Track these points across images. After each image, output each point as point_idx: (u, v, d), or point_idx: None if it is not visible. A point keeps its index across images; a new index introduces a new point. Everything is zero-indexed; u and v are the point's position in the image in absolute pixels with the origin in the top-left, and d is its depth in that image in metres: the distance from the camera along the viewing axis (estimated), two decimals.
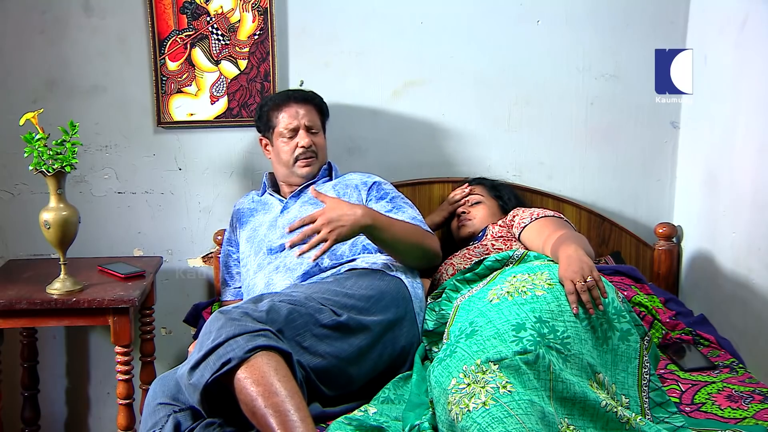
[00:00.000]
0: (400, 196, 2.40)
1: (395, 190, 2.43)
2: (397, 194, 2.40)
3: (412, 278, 2.21)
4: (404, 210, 2.32)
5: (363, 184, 2.40)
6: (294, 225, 2.02)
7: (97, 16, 2.66)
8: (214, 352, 1.67)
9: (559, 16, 2.72)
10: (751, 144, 2.38)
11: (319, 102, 2.49)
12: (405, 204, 2.36)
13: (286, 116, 2.42)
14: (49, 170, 2.21)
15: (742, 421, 1.83)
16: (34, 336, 2.70)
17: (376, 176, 2.47)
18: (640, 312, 2.29)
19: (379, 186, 2.40)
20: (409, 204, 2.38)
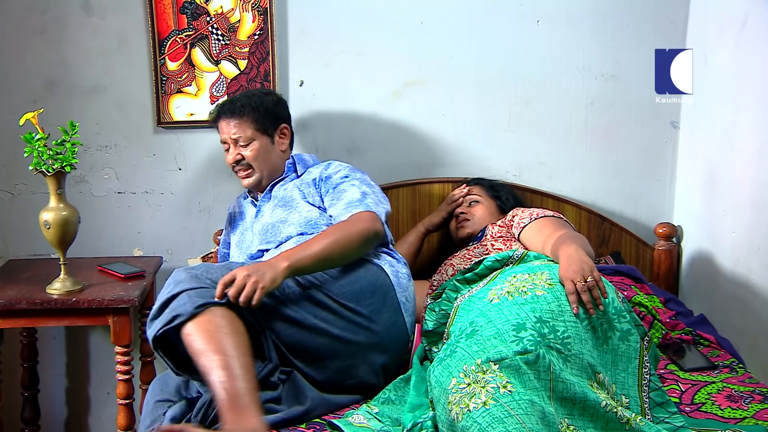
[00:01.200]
0: (348, 177, 2.27)
1: (345, 169, 2.31)
2: (342, 177, 2.27)
3: (396, 265, 2.17)
4: (344, 194, 2.20)
5: (316, 181, 2.31)
6: (218, 293, 1.79)
7: (97, 16, 2.66)
8: (168, 306, 1.73)
9: (559, 16, 2.72)
10: (751, 144, 2.38)
11: (251, 111, 2.31)
12: (350, 186, 2.23)
13: (219, 130, 2.36)
14: (49, 170, 2.21)
15: (742, 421, 1.84)
16: (34, 336, 2.70)
17: (333, 163, 2.37)
18: (640, 312, 2.29)
19: (327, 178, 2.29)
20: (358, 181, 2.25)
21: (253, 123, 2.32)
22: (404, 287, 2.16)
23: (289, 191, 2.30)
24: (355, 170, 2.33)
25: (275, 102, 2.37)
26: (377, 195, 2.23)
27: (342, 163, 2.38)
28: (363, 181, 2.26)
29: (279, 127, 2.37)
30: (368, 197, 2.18)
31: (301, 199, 2.27)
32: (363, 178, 2.30)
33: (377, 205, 2.17)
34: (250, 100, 2.32)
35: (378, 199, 2.21)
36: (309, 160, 2.44)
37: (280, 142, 2.36)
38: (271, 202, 2.33)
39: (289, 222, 2.22)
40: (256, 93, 2.37)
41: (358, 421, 1.75)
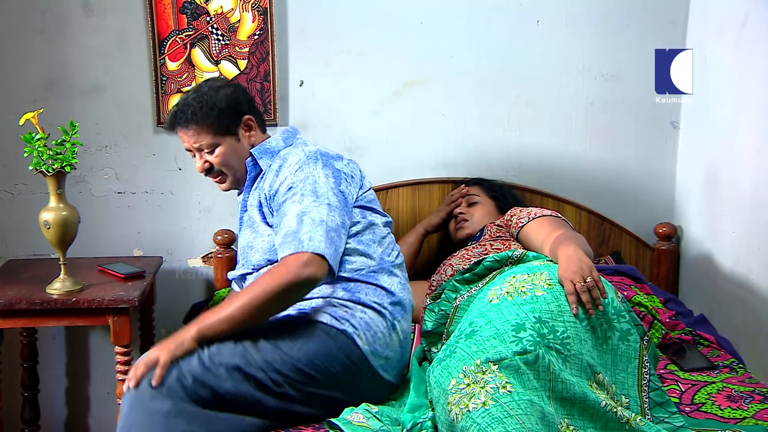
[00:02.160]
0: (291, 189, 1.94)
1: (292, 175, 1.96)
2: (286, 190, 1.94)
3: (366, 325, 1.89)
4: (282, 221, 1.90)
5: (267, 196, 2.02)
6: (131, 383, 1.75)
7: (97, 16, 2.66)
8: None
9: (559, 16, 2.72)
10: (751, 144, 2.38)
11: (203, 117, 2.02)
12: (290, 206, 1.91)
13: (180, 138, 2.11)
14: (49, 170, 2.21)
15: (741, 421, 1.84)
16: (34, 336, 2.70)
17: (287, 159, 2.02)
18: (640, 312, 2.29)
19: (275, 195, 1.98)
20: (300, 194, 1.91)
21: (210, 128, 2.03)
22: (384, 344, 1.91)
23: (252, 208, 2.07)
24: (308, 164, 1.97)
25: (229, 96, 2.05)
26: (321, 210, 1.87)
27: (300, 153, 2.03)
28: (306, 193, 1.91)
29: (241, 122, 2.07)
30: (303, 225, 1.84)
31: (261, 221, 2.03)
32: (311, 182, 1.93)
33: (312, 237, 1.82)
34: (201, 103, 2.02)
35: (317, 223, 1.85)
36: (275, 144, 2.10)
37: (247, 135, 2.08)
38: (246, 216, 2.12)
39: (255, 248, 2.03)
40: (205, 90, 2.05)
41: (357, 420, 1.75)
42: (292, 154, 2.03)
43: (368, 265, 1.96)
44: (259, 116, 2.13)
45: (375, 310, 1.92)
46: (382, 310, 1.93)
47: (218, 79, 2.21)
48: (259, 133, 2.11)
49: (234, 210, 2.78)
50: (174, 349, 1.76)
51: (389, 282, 1.98)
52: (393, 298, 1.96)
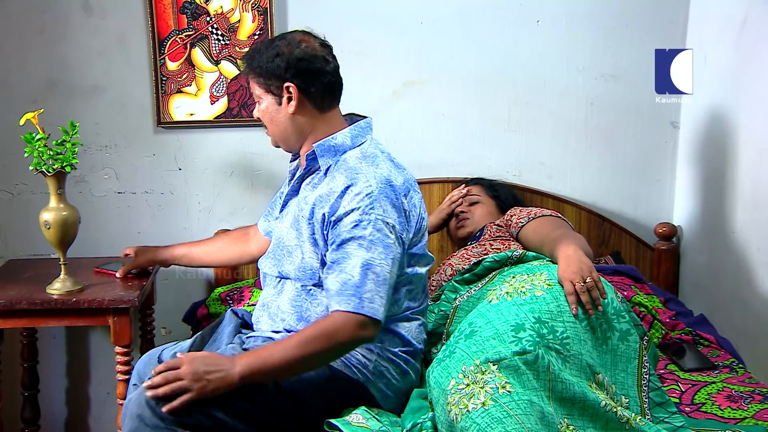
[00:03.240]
0: (357, 227, 1.77)
1: (358, 211, 1.78)
2: (352, 227, 1.77)
3: (380, 374, 1.86)
4: (343, 264, 1.77)
5: (326, 217, 1.83)
6: (158, 368, 1.72)
7: (97, 16, 2.66)
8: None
9: (559, 16, 2.72)
10: (751, 144, 2.38)
11: (249, 70, 1.91)
12: (355, 250, 1.76)
13: None
14: (49, 170, 2.21)
15: (742, 421, 1.84)
16: (34, 336, 2.70)
17: (351, 188, 1.80)
18: (640, 312, 2.29)
19: (337, 222, 1.80)
20: (367, 239, 1.76)
21: (256, 81, 1.91)
22: (395, 390, 1.89)
23: (301, 210, 1.89)
24: (380, 200, 1.79)
25: (274, 56, 1.85)
26: (385, 265, 1.76)
27: (370, 175, 1.82)
28: (375, 240, 1.76)
29: (283, 87, 1.86)
30: (368, 281, 1.73)
31: (308, 236, 1.87)
32: (380, 227, 1.77)
33: (373, 298, 1.73)
34: (252, 55, 1.90)
35: (381, 281, 1.74)
36: (341, 141, 1.88)
37: (288, 105, 1.87)
38: (295, 205, 1.94)
39: (292, 258, 1.90)
40: (261, 45, 1.91)
41: (356, 420, 1.75)
42: (362, 174, 1.82)
43: (392, 312, 1.87)
44: (308, 92, 1.87)
45: (390, 361, 1.88)
46: (395, 359, 1.88)
47: (279, 37, 1.92)
48: (310, 108, 1.88)
49: (234, 210, 2.79)
50: (209, 385, 1.68)
51: (407, 327, 1.91)
52: (409, 348, 1.91)
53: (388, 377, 1.87)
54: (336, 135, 1.88)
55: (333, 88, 1.92)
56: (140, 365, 2.02)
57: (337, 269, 1.77)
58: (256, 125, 2.72)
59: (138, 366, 2.03)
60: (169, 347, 2.01)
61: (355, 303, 1.73)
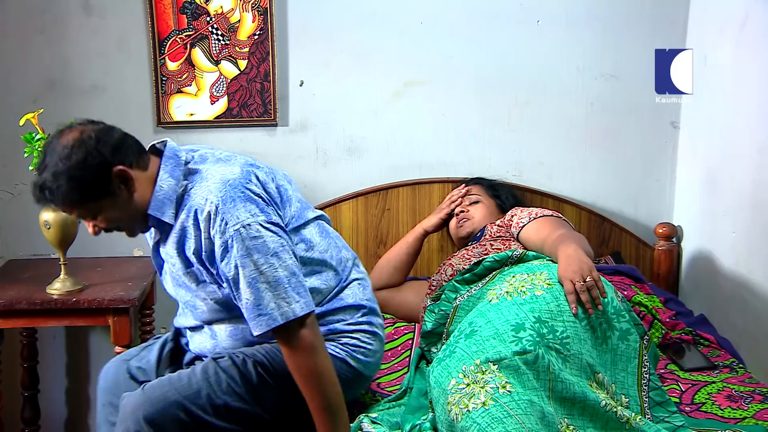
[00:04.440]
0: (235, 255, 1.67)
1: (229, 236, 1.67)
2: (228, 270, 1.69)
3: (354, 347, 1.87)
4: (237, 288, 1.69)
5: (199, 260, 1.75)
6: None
7: (97, 16, 2.66)
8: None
9: (559, 16, 2.72)
10: (751, 144, 2.38)
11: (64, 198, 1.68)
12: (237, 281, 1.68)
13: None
14: None
15: (742, 421, 1.84)
16: (34, 336, 2.70)
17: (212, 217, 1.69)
18: (640, 312, 2.29)
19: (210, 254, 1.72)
20: (243, 260, 1.66)
21: (77, 203, 1.70)
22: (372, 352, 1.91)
23: (173, 266, 1.80)
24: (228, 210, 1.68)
25: (83, 161, 1.67)
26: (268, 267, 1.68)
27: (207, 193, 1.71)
28: (245, 253, 1.67)
29: (111, 179, 1.69)
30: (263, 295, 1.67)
31: (197, 286, 1.80)
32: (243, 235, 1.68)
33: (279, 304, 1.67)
34: (56, 183, 1.66)
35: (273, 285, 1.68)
36: (167, 188, 1.75)
37: (126, 189, 1.72)
38: (167, 268, 1.86)
39: (198, 308, 1.85)
40: (55, 162, 1.68)
41: (363, 429, 1.76)
42: (197, 197, 1.72)
43: (332, 286, 1.87)
44: (130, 153, 1.75)
45: (357, 331, 1.89)
46: (359, 327, 1.89)
47: (64, 137, 1.73)
48: (139, 173, 1.74)
49: None
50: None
51: (351, 294, 1.90)
52: (363, 310, 1.91)
53: (364, 345, 1.87)
54: (157, 188, 1.74)
55: (138, 144, 1.79)
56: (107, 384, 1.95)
57: (237, 298, 1.70)
58: (256, 125, 2.73)
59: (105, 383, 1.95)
60: (134, 360, 1.95)
61: (266, 320, 1.66)
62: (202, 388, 1.74)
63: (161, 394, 1.71)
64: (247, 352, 1.80)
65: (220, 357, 1.79)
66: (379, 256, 2.66)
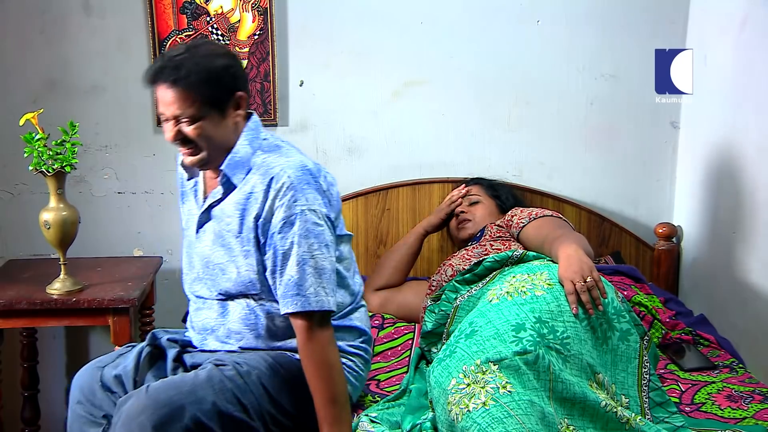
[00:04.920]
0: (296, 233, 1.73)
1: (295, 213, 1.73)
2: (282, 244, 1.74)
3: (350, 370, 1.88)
4: (285, 263, 1.74)
5: (258, 220, 1.77)
6: None
7: (97, 16, 2.66)
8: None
9: (559, 16, 2.72)
10: (751, 144, 2.38)
11: (198, 83, 1.72)
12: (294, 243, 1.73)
13: (156, 97, 1.80)
14: (49, 170, 2.21)
15: (742, 421, 1.84)
16: (34, 336, 2.70)
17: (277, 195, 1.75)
18: (640, 312, 2.29)
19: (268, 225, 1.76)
20: (299, 239, 1.72)
21: (199, 98, 1.73)
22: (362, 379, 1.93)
23: (227, 225, 1.81)
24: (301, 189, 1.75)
25: (228, 67, 1.77)
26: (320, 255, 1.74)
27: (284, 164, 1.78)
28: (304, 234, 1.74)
29: (233, 97, 1.79)
30: (307, 277, 1.73)
31: (240, 251, 1.80)
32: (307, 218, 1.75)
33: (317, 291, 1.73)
34: (197, 65, 1.72)
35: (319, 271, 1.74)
36: (243, 153, 1.81)
37: (234, 114, 1.80)
38: (212, 225, 1.85)
39: (227, 275, 1.83)
40: (203, 53, 1.75)
41: (363, 428, 1.76)
42: (276, 167, 1.77)
43: (345, 304, 1.90)
44: (248, 99, 1.84)
45: (355, 355, 1.90)
46: (358, 351, 1.91)
47: (214, 43, 1.86)
48: (243, 115, 1.83)
49: None
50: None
51: (359, 317, 1.94)
52: (365, 336, 1.94)
53: (357, 370, 1.89)
54: (237, 149, 1.81)
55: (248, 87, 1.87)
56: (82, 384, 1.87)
57: (278, 273, 1.75)
58: None
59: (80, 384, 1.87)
60: (109, 366, 1.87)
61: (302, 301, 1.71)
62: (207, 395, 1.69)
63: (167, 398, 1.65)
64: (252, 363, 1.77)
65: (223, 364, 1.76)
66: (379, 256, 2.66)
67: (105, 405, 1.81)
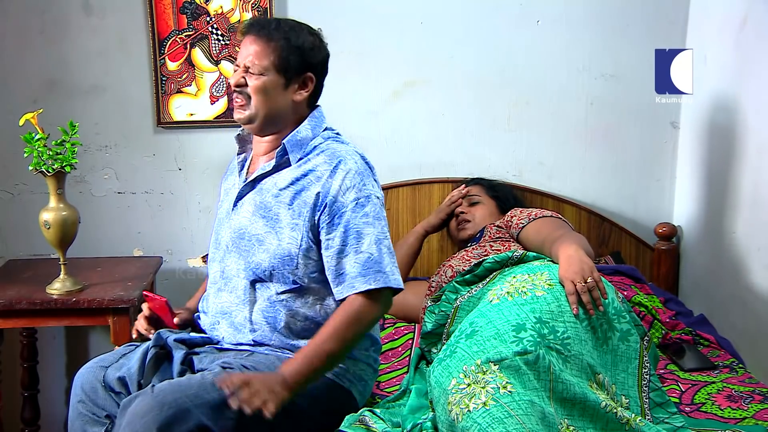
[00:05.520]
0: (359, 204, 1.79)
1: (353, 189, 1.80)
2: (354, 206, 1.79)
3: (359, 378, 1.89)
4: (361, 242, 1.78)
5: (319, 200, 1.81)
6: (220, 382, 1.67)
7: (97, 16, 2.66)
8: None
9: (559, 16, 2.72)
10: (751, 144, 2.38)
11: (280, 40, 1.82)
12: (366, 227, 1.79)
13: (240, 48, 1.90)
14: (49, 170, 2.21)
15: (742, 421, 1.84)
16: (34, 336, 2.70)
17: (339, 167, 1.82)
18: (640, 312, 2.29)
19: (333, 203, 1.80)
20: (372, 215, 1.80)
21: (275, 54, 1.82)
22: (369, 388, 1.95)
23: (274, 196, 1.84)
24: (368, 176, 1.85)
25: (313, 45, 1.86)
26: (388, 238, 1.82)
27: (350, 153, 1.86)
28: (377, 215, 1.81)
29: (302, 76, 1.85)
30: (384, 256, 1.78)
31: (288, 222, 1.82)
32: (375, 202, 1.83)
33: (393, 270, 1.79)
34: (286, 29, 1.84)
35: (392, 252, 1.82)
36: (305, 134, 1.87)
37: (297, 92, 1.85)
38: (253, 197, 1.88)
39: (265, 246, 1.82)
40: (298, 25, 1.88)
41: (364, 422, 1.75)
42: (343, 152, 1.84)
43: None
44: (318, 89, 1.91)
45: (366, 364, 1.91)
46: (368, 360, 1.92)
47: (313, 29, 1.93)
48: (306, 101, 1.88)
49: None
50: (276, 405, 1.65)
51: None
52: (376, 346, 1.95)
53: (366, 379, 1.90)
54: (299, 129, 1.87)
55: (320, 92, 1.96)
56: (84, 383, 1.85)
57: (352, 250, 1.78)
58: None
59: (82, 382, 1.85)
60: (112, 368, 1.85)
61: (383, 278, 1.77)
62: (213, 399, 1.67)
63: (173, 399, 1.63)
64: (260, 368, 1.76)
65: (230, 368, 1.75)
66: None
67: (107, 405, 1.80)
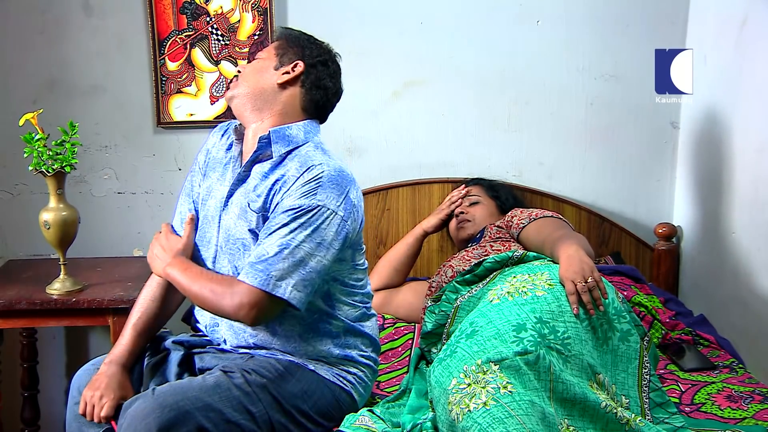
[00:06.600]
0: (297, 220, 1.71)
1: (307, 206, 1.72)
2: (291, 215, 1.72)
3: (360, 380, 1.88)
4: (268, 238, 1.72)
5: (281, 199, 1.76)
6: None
7: (97, 16, 2.66)
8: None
9: (559, 16, 2.72)
10: (751, 144, 2.38)
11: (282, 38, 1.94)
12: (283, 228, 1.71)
13: None
14: (49, 170, 2.21)
15: (741, 421, 1.84)
16: (34, 336, 2.70)
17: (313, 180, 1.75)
18: (640, 312, 2.29)
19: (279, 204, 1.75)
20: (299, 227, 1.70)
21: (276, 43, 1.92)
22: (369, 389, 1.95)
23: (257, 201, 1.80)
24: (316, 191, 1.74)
25: (316, 43, 1.94)
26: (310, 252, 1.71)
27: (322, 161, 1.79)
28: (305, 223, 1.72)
29: (293, 61, 1.87)
30: (280, 261, 1.68)
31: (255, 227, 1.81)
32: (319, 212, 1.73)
33: (283, 277, 1.68)
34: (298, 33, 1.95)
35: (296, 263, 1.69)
36: (296, 134, 1.84)
37: (281, 74, 1.85)
38: (239, 198, 1.83)
39: (249, 251, 1.80)
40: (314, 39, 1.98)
41: (365, 422, 1.75)
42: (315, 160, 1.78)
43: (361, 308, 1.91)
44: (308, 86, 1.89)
45: (364, 364, 1.91)
46: (367, 362, 1.92)
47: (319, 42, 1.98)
48: (298, 100, 1.88)
49: None
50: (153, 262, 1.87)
51: (371, 326, 1.94)
52: (374, 346, 1.95)
53: (365, 380, 1.90)
54: (291, 126, 1.84)
55: (320, 107, 1.94)
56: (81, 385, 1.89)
57: (259, 243, 1.74)
58: None
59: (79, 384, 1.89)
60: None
61: (261, 279, 1.67)
62: (214, 402, 1.67)
63: (173, 402, 1.63)
64: (261, 372, 1.76)
65: (231, 371, 1.74)
66: (379, 256, 2.65)
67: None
